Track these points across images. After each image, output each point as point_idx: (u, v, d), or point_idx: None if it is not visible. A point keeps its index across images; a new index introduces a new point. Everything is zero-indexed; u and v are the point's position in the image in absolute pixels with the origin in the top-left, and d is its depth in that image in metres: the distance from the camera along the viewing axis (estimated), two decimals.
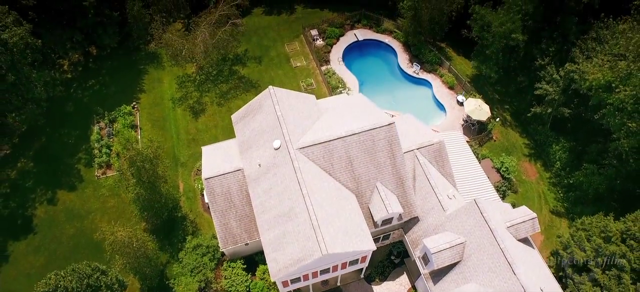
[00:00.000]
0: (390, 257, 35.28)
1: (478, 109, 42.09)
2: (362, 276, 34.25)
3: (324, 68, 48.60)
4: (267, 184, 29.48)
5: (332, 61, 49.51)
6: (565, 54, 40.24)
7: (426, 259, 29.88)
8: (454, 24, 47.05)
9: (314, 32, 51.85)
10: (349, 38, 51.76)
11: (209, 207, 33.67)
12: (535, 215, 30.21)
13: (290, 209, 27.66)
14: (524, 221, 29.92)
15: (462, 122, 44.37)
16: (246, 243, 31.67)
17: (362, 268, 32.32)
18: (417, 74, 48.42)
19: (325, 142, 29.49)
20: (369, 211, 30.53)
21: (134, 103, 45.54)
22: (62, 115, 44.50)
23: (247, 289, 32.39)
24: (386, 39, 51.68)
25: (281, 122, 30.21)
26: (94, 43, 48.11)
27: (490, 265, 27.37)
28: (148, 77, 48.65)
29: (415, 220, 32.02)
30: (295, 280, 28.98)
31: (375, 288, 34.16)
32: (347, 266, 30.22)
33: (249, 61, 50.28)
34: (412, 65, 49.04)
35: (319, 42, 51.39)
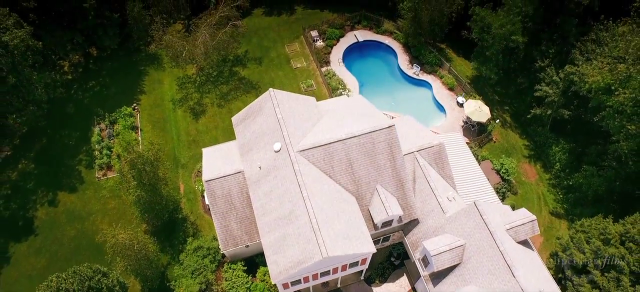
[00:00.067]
0: (390, 259, 35.42)
1: (478, 110, 42.14)
2: (362, 277, 34.38)
3: (324, 69, 48.62)
4: (268, 186, 29.58)
5: (332, 62, 49.52)
6: (565, 55, 40.25)
7: (426, 261, 30.02)
8: (454, 25, 47.06)
9: (314, 33, 51.83)
10: (349, 39, 51.74)
11: (209, 209, 33.80)
12: (534, 217, 30.30)
13: (290, 211, 27.77)
14: (523, 223, 30.01)
15: (462, 123, 44.44)
16: (247, 245, 31.78)
17: (362, 270, 32.44)
18: (417, 75, 48.45)
19: (325, 145, 29.60)
20: (369, 213, 30.64)
21: (135, 104, 45.58)
22: (63, 116, 44.55)
23: (248, 291, 32.54)
24: (386, 40, 51.66)
25: (281, 125, 30.30)
26: (94, 44, 48.13)
27: (490, 267, 27.50)
28: (148, 79, 48.69)
29: (415, 222, 32.13)
30: (296, 282, 29.11)
31: (375, 289, 34.29)
32: (348, 267, 30.39)
33: (249, 62, 50.29)
34: (412, 67, 49.07)
35: (319, 43, 51.39)
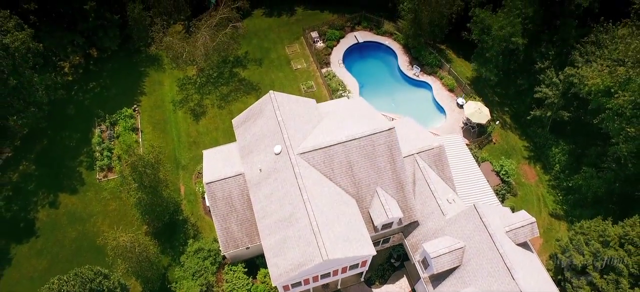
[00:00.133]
0: (390, 260, 35.54)
1: (478, 112, 42.22)
2: (363, 279, 34.51)
3: (324, 70, 48.67)
4: (268, 189, 29.68)
5: (332, 63, 49.58)
6: (565, 57, 40.33)
7: (426, 263, 30.11)
8: (454, 26, 47.09)
9: (314, 34, 51.88)
10: (349, 40, 51.79)
11: (210, 210, 33.89)
12: (534, 219, 30.36)
13: (291, 214, 27.88)
14: (522, 225, 30.06)
15: (462, 124, 44.51)
16: (247, 247, 31.89)
17: (362, 272, 32.56)
18: (417, 76, 48.51)
19: (325, 148, 29.68)
20: (369, 215, 30.74)
21: (135, 106, 45.65)
22: (64, 118, 44.64)
23: None
24: (386, 41, 51.70)
25: (282, 127, 30.40)
26: (94, 45, 48.19)
27: (490, 270, 27.60)
28: (149, 80, 48.76)
29: (415, 224, 32.23)
30: (296, 284, 29.27)
31: (375, 291, 34.41)
32: (348, 269, 30.53)
33: (249, 63, 50.35)
34: (412, 68, 49.12)
35: (320, 44, 51.43)
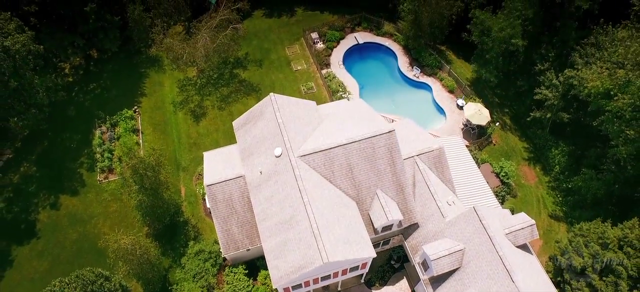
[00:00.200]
0: (390, 262, 35.65)
1: (478, 113, 42.29)
2: (363, 280, 34.63)
3: (324, 71, 48.72)
4: (269, 191, 29.78)
5: (332, 64, 49.62)
6: (565, 59, 40.38)
7: (426, 265, 30.22)
8: (454, 27, 47.12)
9: (315, 35, 51.92)
10: (350, 41, 51.83)
11: (210, 212, 33.98)
12: (533, 222, 30.48)
13: (291, 216, 27.98)
14: (522, 227, 30.17)
15: (461, 126, 44.59)
16: (248, 249, 32.00)
17: (362, 273, 32.67)
18: (417, 77, 48.57)
19: (326, 150, 29.77)
20: (369, 217, 30.84)
21: (136, 107, 45.71)
22: (64, 119, 44.72)
23: None
24: (386, 42, 51.75)
25: (282, 130, 30.49)
26: (95, 47, 48.22)
27: (489, 272, 27.69)
28: (149, 81, 48.82)
29: (415, 226, 32.32)
30: (297, 286, 29.36)
31: None
32: (348, 271, 30.63)
33: (249, 64, 50.40)
34: (412, 69, 49.18)
35: (320, 45, 51.47)
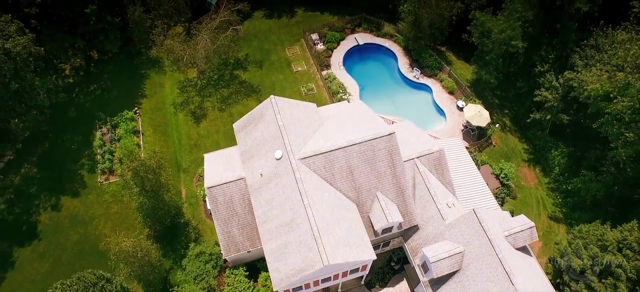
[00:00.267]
0: (391, 263, 35.78)
1: (478, 115, 42.36)
2: (363, 282, 34.75)
3: (324, 73, 48.77)
4: (269, 194, 29.88)
5: (332, 65, 49.67)
6: (565, 60, 40.48)
7: (425, 267, 30.34)
8: (455, 28, 47.16)
9: (315, 36, 51.94)
10: (350, 42, 51.85)
11: (211, 214, 34.08)
12: (533, 224, 30.52)
13: (291, 219, 28.08)
14: (522, 230, 30.25)
15: (461, 127, 44.67)
16: (248, 251, 32.11)
17: (362, 275, 32.79)
18: (418, 78, 48.63)
19: (326, 153, 29.84)
20: (370, 220, 30.94)
21: (136, 108, 45.78)
22: (65, 120, 44.79)
23: None
24: (386, 43, 51.78)
25: (283, 132, 30.57)
26: (95, 48, 48.28)
27: (489, 274, 27.80)
28: (149, 82, 48.88)
29: (415, 228, 32.42)
30: (297, 288, 29.48)
31: None
32: (348, 273, 30.75)
33: (249, 65, 50.45)
34: (412, 70, 49.24)
35: (320, 46, 51.49)
